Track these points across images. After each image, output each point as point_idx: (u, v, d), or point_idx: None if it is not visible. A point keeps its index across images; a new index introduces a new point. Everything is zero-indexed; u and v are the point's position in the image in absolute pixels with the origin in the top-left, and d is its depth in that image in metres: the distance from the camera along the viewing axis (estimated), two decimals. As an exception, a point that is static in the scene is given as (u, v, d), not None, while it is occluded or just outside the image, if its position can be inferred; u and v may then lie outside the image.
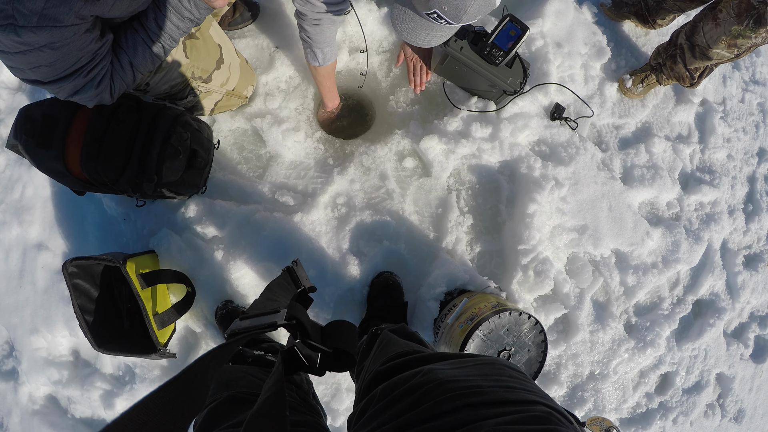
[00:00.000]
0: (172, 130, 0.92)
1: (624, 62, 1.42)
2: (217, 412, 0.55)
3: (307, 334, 0.46)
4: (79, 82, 0.68)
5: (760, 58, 1.64)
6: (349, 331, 0.49)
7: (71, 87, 0.68)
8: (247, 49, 1.19)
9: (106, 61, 0.70)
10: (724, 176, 1.45)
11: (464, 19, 0.62)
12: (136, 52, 0.74)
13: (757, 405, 1.55)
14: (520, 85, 1.14)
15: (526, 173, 1.15)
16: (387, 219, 1.11)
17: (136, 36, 0.74)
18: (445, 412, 0.37)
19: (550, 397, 0.42)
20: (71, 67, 0.65)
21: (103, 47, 0.68)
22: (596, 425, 0.49)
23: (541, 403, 0.38)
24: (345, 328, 0.49)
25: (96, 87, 0.71)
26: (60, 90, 0.68)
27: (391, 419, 0.39)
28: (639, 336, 1.29)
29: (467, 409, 0.37)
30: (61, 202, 1.19)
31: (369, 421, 0.42)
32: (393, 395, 0.43)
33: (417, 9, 0.66)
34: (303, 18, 0.85)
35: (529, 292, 1.12)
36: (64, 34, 0.59)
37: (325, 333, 0.48)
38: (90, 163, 0.85)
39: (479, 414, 0.36)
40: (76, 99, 0.71)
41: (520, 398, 0.38)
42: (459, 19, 0.62)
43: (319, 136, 1.22)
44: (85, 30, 0.62)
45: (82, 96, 0.71)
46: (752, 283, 1.47)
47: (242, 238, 1.06)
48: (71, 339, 1.18)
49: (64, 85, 0.67)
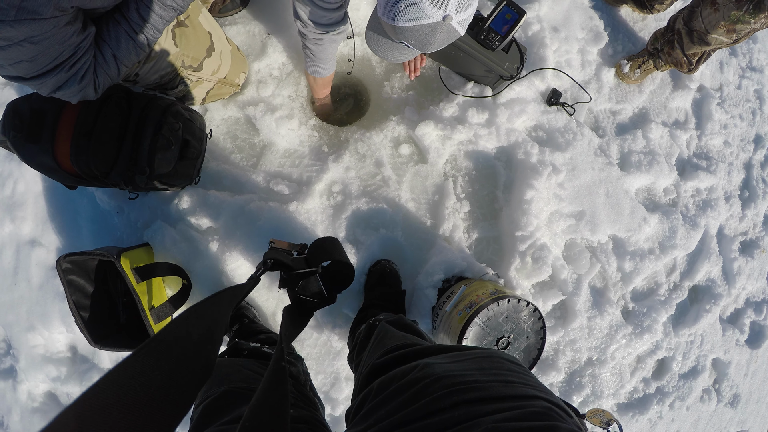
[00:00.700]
0: (163, 120, 0.90)
1: (621, 47, 1.41)
2: (213, 408, 0.54)
3: (290, 267, 0.45)
4: (61, 77, 0.66)
5: (757, 44, 1.63)
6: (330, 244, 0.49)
7: (54, 82, 0.66)
8: (239, 36, 1.17)
9: (89, 54, 0.68)
10: (720, 162, 1.45)
11: (431, 49, 0.66)
12: (119, 44, 0.72)
13: (753, 390, 1.56)
14: (517, 70, 1.12)
15: (523, 159, 1.14)
16: (383, 206, 1.10)
17: (118, 27, 0.72)
18: (442, 408, 0.36)
19: (549, 390, 0.41)
20: (53, 61, 0.63)
21: (86, 40, 0.66)
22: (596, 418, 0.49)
23: (540, 397, 0.37)
24: (324, 244, 0.49)
25: (79, 82, 0.69)
26: (42, 86, 0.66)
27: (388, 416, 0.38)
28: (636, 322, 1.29)
29: (465, 405, 0.36)
30: (53, 197, 1.18)
31: (365, 418, 0.41)
32: (389, 391, 0.42)
33: (388, 36, 0.70)
34: (305, 37, 0.87)
35: (527, 278, 1.12)
36: (43, 27, 0.57)
37: (308, 257, 0.48)
38: (80, 156, 0.84)
39: (477, 410, 0.35)
40: (59, 95, 0.69)
41: (519, 393, 0.37)
42: (426, 50, 0.67)
43: (313, 123, 1.21)
44: (65, 22, 0.60)
45: (65, 91, 0.69)
46: (748, 269, 1.48)
47: (237, 228, 1.05)
48: (68, 335, 1.17)
49: (46, 80, 0.65)
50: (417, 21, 0.60)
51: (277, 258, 0.47)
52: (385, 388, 0.43)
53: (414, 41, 0.64)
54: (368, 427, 0.39)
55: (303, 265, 0.48)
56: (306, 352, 1.11)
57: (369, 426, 0.39)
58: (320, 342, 1.11)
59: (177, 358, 0.28)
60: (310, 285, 0.49)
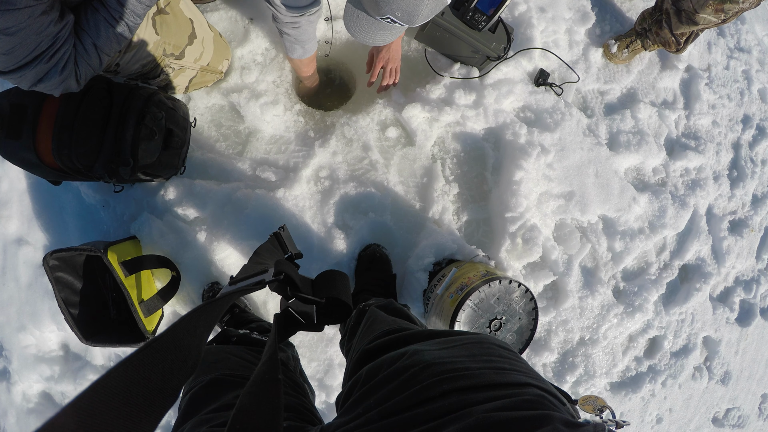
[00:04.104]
0: (146, 110, 0.89)
1: (609, 27, 1.40)
2: (200, 395, 0.53)
3: (297, 287, 0.45)
4: (41, 69, 0.64)
5: (745, 25, 1.63)
6: (341, 280, 0.49)
7: (33, 75, 0.64)
8: (221, 22, 1.15)
9: (68, 44, 0.66)
10: (709, 142, 1.46)
11: (418, 21, 0.63)
12: (98, 32, 0.70)
13: (743, 367, 1.59)
14: (504, 51, 1.11)
15: (511, 140, 1.14)
16: (371, 190, 1.09)
17: (97, 15, 0.69)
18: (432, 397, 0.35)
19: (541, 376, 0.40)
20: (31, 53, 0.61)
21: (64, 30, 0.64)
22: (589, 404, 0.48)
23: (532, 385, 0.36)
24: (336, 277, 0.48)
25: (60, 73, 0.67)
26: (22, 79, 0.64)
27: (377, 405, 0.38)
28: (627, 301, 1.30)
29: (455, 394, 0.35)
30: (37, 193, 1.16)
31: (353, 407, 0.40)
32: (377, 379, 0.41)
33: (370, 13, 0.66)
34: (280, 22, 0.84)
35: (518, 259, 1.12)
36: (18, 18, 0.55)
37: (316, 284, 0.47)
38: (62, 150, 0.82)
39: (468, 399, 0.34)
40: (40, 88, 0.67)
41: (511, 380, 0.37)
42: (413, 22, 0.63)
43: (298, 108, 1.19)
44: (41, 12, 0.58)
45: (46, 84, 0.67)
46: (737, 248, 1.50)
47: (224, 217, 1.04)
48: (59, 333, 1.16)
49: (25, 73, 0.63)
50: None
51: (288, 274, 0.45)
52: (374, 375, 0.42)
53: (400, 13, 0.60)
54: (356, 416, 0.38)
55: (309, 290, 0.47)
56: (298, 340, 1.11)
57: (357, 415, 0.38)
58: (313, 329, 1.11)
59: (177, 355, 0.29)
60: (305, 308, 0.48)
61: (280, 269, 0.45)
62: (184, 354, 0.29)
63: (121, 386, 0.24)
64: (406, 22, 0.63)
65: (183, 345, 0.29)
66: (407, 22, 0.63)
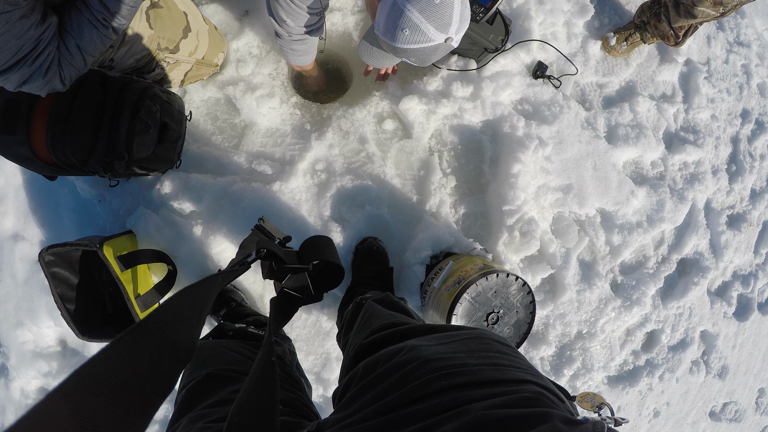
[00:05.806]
0: (140, 103, 0.88)
1: (608, 20, 1.39)
2: (196, 390, 0.53)
3: (282, 260, 0.45)
4: (24, 72, 0.64)
5: (744, 19, 1.62)
6: (324, 243, 0.49)
7: (17, 78, 0.64)
8: (216, 15, 1.14)
9: (51, 47, 0.66)
10: (708, 136, 1.45)
11: (428, 63, 0.73)
12: (81, 33, 0.69)
13: (740, 362, 1.59)
14: (502, 43, 1.10)
15: (509, 133, 1.13)
16: (368, 183, 1.09)
17: (80, 16, 0.68)
18: (429, 393, 0.35)
19: (539, 372, 0.40)
20: (13, 57, 0.61)
21: (47, 32, 0.63)
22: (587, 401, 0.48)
23: (530, 381, 0.36)
24: (317, 242, 0.48)
25: (44, 75, 0.67)
26: (6, 82, 0.64)
27: (374, 401, 0.37)
28: (625, 295, 1.30)
29: (453, 391, 0.34)
30: (33, 189, 1.15)
31: (350, 402, 0.40)
32: (375, 374, 0.41)
33: (386, 51, 0.74)
34: (287, 41, 0.86)
35: (516, 252, 1.12)
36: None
37: (301, 254, 0.47)
38: (57, 145, 0.82)
39: (466, 396, 0.34)
40: (25, 89, 0.67)
41: (509, 377, 0.36)
42: (424, 65, 0.74)
43: (294, 101, 1.19)
44: (19, 16, 0.57)
45: (31, 86, 0.67)
46: (735, 243, 1.49)
47: (221, 211, 1.04)
48: (57, 329, 1.16)
49: (9, 76, 0.63)
50: (420, 44, 0.63)
51: (269, 248, 0.46)
52: (371, 371, 0.42)
53: (415, 59, 0.69)
54: (353, 412, 0.37)
55: (294, 260, 0.47)
56: (295, 334, 1.11)
57: (354, 411, 0.38)
58: (309, 323, 1.11)
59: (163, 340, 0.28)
60: (298, 281, 0.48)
61: (261, 246, 0.46)
62: (172, 338, 0.29)
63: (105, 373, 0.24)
64: (419, 65, 0.73)
65: (168, 329, 0.29)
66: (420, 65, 0.73)
